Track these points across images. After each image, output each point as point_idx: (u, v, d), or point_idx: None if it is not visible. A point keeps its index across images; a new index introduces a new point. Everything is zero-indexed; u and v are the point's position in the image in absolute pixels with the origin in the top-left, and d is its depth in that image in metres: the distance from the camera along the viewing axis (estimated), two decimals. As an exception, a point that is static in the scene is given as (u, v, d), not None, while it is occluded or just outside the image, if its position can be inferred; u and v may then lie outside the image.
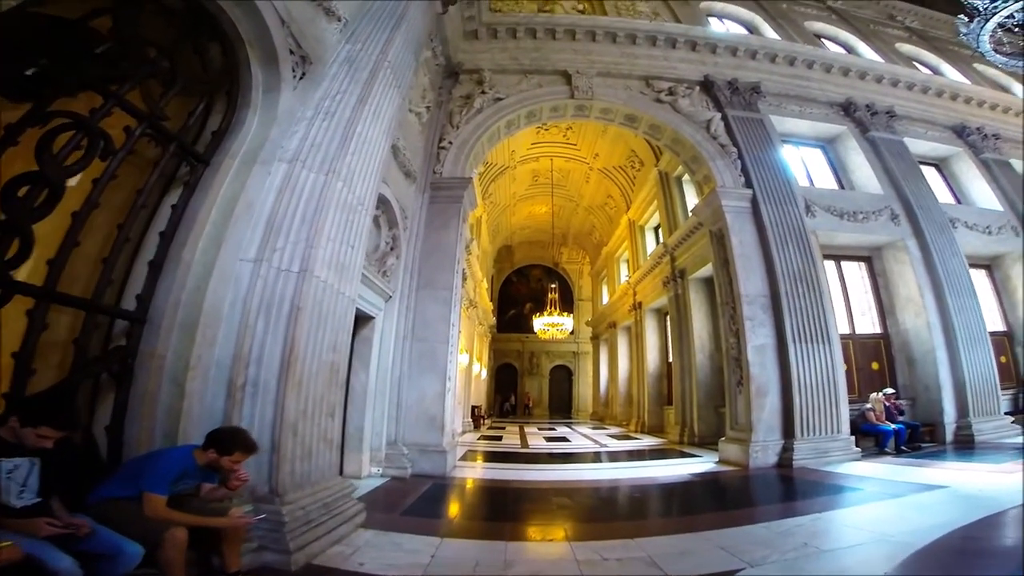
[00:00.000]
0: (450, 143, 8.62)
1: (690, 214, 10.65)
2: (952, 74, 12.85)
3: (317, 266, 3.80)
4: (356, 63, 4.95)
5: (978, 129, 10.99)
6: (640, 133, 10.15)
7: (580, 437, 13.36)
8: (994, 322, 9.34)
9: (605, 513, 4.90)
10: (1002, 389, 8.25)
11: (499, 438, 13.14)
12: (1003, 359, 9.11)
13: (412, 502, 4.94)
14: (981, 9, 6.46)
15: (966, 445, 7.39)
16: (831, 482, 5.36)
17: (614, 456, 9.44)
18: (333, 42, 4.94)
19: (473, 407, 16.37)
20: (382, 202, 6.69)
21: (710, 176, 8.79)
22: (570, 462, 8.81)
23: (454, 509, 5.17)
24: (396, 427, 6.49)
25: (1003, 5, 6.25)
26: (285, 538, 2.96)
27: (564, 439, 12.86)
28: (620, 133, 13.72)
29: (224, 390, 3.27)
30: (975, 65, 13.66)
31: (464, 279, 12.12)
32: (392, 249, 7.11)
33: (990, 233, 9.42)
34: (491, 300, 23.71)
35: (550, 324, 20.61)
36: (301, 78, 4.50)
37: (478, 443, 11.70)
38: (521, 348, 27.68)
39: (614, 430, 15.28)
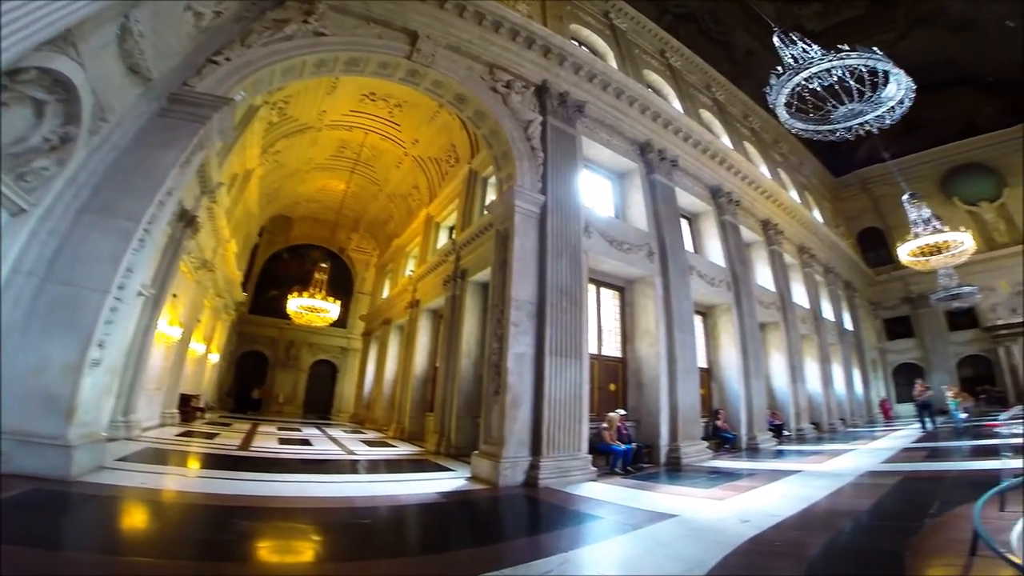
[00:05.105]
0: (227, 60, 6.65)
1: (484, 212, 10.24)
2: (727, 143, 15.49)
3: None
4: None
5: (728, 193, 13.47)
6: (464, 116, 9.69)
7: (327, 441, 11.58)
8: (700, 360, 11.15)
9: (314, 549, 3.72)
10: (700, 417, 9.70)
11: (212, 436, 10.49)
12: (703, 391, 10.91)
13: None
14: (794, 64, 7.12)
15: (675, 467, 8.32)
16: (574, 507, 5.24)
17: (358, 467, 8.12)
18: None
19: (185, 396, 12.85)
20: (64, 87, 4.61)
21: (513, 175, 8.58)
22: (298, 472, 6.97)
23: (32, 534, 3.15)
24: (-18, 405, 4.06)
25: (816, 63, 6.95)
26: None
27: (305, 442, 10.96)
28: (447, 123, 12.98)
29: None
30: (743, 142, 17.21)
31: (195, 229, 9.37)
32: (54, 150, 4.68)
33: (713, 284, 11.35)
34: (245, 272, 19.64)
35: (307, 308, 17.46)
36: None
37: (175, 440, 9.05)
38: (278, 336, 23.74)
39: (371, 435, 13.88)
